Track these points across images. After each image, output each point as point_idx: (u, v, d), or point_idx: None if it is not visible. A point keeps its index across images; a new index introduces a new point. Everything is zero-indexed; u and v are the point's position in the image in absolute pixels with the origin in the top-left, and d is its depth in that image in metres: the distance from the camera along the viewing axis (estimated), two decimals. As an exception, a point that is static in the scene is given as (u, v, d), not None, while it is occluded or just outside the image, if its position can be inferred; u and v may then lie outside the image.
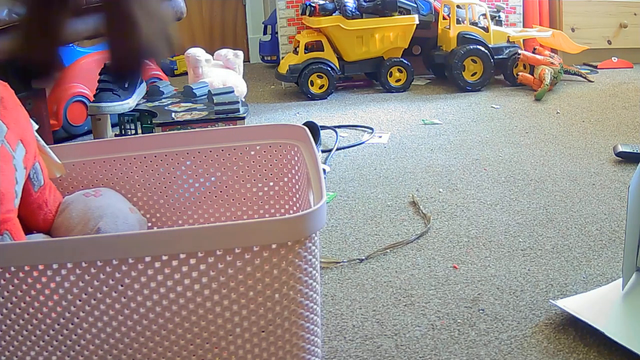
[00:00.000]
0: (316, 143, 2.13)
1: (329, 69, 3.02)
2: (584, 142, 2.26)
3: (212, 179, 1.26)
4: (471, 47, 3.00)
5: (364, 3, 3.03)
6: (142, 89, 2.29)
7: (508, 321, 1.20)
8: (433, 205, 1.75)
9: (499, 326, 1.19)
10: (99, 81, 2.16)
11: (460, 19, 3.11)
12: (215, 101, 2.11)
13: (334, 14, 3.01)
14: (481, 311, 1.24)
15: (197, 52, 2.53)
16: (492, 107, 2.77)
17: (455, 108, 2.77)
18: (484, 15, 3.12)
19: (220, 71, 2.58)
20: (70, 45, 2.46)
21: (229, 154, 1.25)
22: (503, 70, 3.11)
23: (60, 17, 0.46)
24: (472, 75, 3.05)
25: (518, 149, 2.21)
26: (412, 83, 3.16)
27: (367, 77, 3.31)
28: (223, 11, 4.16)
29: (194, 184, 1.26)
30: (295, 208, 1.25)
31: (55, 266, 0.80)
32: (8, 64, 0.44)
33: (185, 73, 2.94)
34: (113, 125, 2.30)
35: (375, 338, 1.17)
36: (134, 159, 1.24)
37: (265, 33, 3.84)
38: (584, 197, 1.77)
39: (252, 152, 1.25)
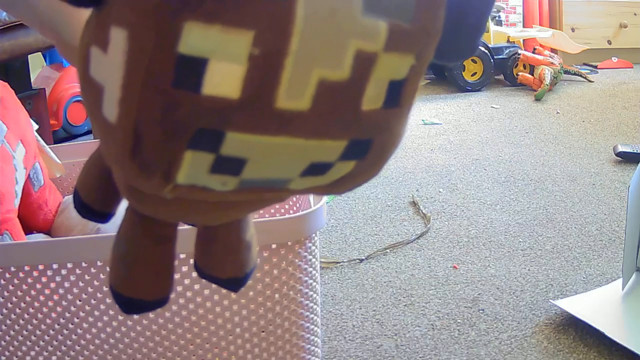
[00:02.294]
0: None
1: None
2: (584, 142, 2.26)
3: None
4: (471, 47, 3.00)
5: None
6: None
7: (508, 321, 1.20)
8: (433, 205, 1.75)
9: (499, 326, 1.19)
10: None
11: (460, 19, 3.10)
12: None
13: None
14: (481, 311, 1.24)
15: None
16: (492, 107, 2.77)
17: (455, 108, 2.77)
18: (484, 15, 3.11)
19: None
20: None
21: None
22: (503, 70, 3.11)
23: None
24: (472, 75, 3.05)
25: (518, 149, 2.21)
26: (412, 83, 3.16)
27: (367, 77, 3.31)
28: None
29: (194, 184, 1.26)
30: (295, 208, 1.25)
31: (55, 266, 0.80)
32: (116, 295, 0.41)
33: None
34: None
35: (375, 338, 1.17)
36: (134, 159, 1.23)
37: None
38: (584, 197, 1.77)
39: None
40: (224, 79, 0.26)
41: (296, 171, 0.30)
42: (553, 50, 3.30)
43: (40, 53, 2.34)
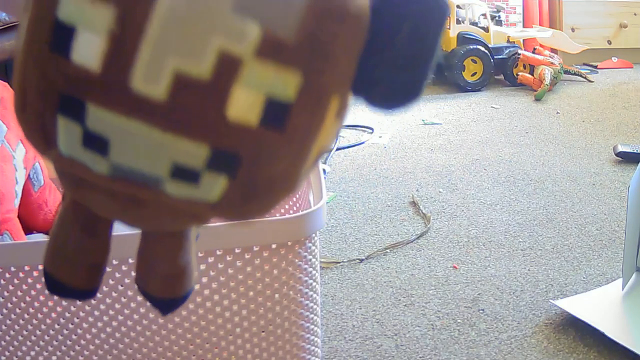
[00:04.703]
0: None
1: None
2: (584, 142, 2.26)
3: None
4: (471, 47, 3.00)
5: (364, 3, 3.03)
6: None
7: (508, 321, 1.20)
8: (433, 205, 1.75)
9: (499, 326, 1.19)
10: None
11: (460, 19, 3.11)
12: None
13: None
14: (481, 311, 1.24)
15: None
16: (492, 107, 2.77)
17: (455, 108, 2.77)
18: (484, 15, 3.12)
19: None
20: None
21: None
22: (503, 70, 3.11)
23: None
24: (472, 75, 3.05)
25: (518, 149, 2.21)
26: (412, 83, 3.16)
27: (367, 77, 3.31)
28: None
29: (194, 184, 1.26)
30: (295, 208, 1.25)
31: (55, 266, 0.80)
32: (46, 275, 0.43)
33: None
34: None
35: (375, 338, 1.17)
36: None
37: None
38: (584, 197, 1.77)
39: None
40: (88, 50, 0.27)
41: (162, 168, 0.30)
42: (553, 50, 3.30)
43: (40, 53, 2.33)
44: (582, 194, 1.80)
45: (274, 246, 0.82)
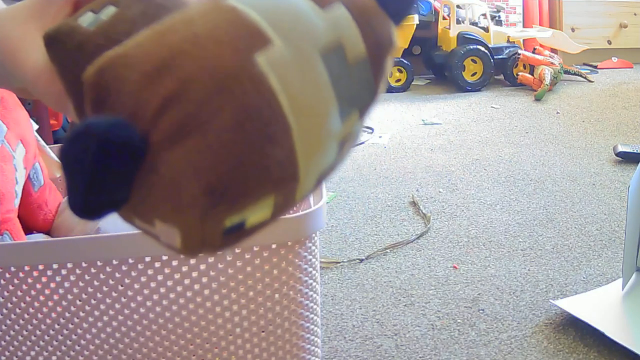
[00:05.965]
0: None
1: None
2: (584, 142, 2.26)
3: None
4: (471, 47, 3.00)
5: (364, 3, 3.03)
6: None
7: (508, 321, 1.20)
8: (433, 205, 1.75)
9: (499, 326, 1.19)
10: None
11: (460, 19, 3.11)
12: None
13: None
14: (481, 311, 1.24)
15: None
16: (492, 107, 2.77)
17: (455, 108, 2.77)
18: (484, 15, 3.12)
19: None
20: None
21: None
22: (503, 70, 3.11)
23: None
24: (472, 75, 3.05)
25: (518, 149, 2.21)
26: (412, 83, 3.16)
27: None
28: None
29: (194, 184, 1.26)
30: (295, 208, 1.25)
31: (55, 266, 0.80)
32: None
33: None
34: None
35: (375, 338, 1.17)
36: (134, 159, 1.23)
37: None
38: (584, 197, 1.77)
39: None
40: (260, 219, 0.35)
41: None
42: (553, 50, 3.30)
43: (40, 53, 2.33)
44: (582, 194, 1.80)
45: (274, 246, 0.82)
